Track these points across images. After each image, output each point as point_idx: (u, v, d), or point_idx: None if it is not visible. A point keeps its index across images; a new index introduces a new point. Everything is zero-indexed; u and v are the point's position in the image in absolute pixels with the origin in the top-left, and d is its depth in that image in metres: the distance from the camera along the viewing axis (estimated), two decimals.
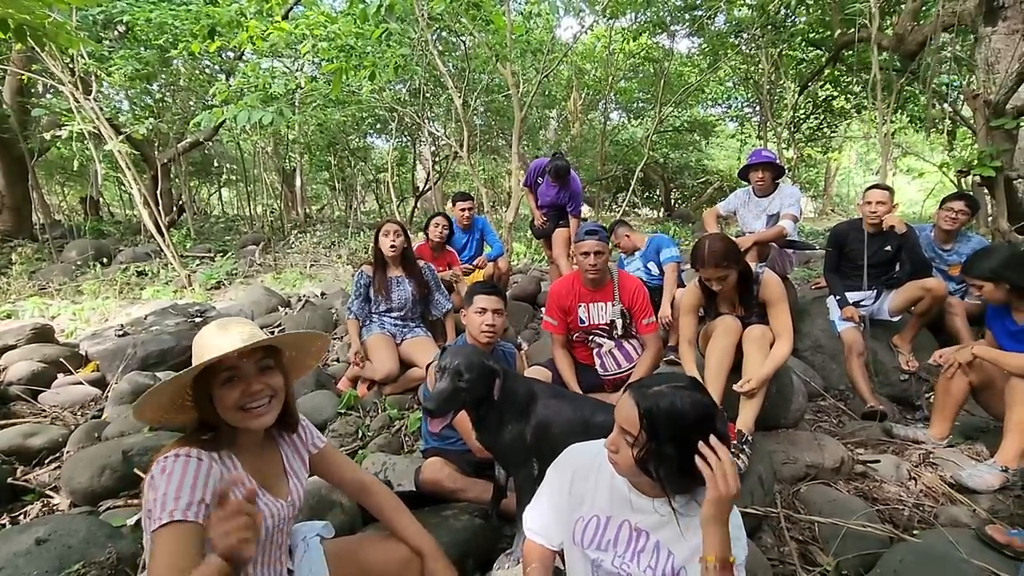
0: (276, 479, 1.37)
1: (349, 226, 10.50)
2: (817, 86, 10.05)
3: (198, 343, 1.26)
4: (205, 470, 1.15)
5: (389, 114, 9.98)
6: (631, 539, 1.24)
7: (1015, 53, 4.39)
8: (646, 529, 1.23)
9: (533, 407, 1.93)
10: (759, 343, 2.36)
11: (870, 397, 3.11)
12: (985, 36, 4.90)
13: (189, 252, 8.04)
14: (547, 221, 4.66)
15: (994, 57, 4.82)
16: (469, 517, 2.03)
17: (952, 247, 3.65)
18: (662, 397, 1.12)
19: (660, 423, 1.10)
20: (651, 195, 18.07)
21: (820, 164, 17.85)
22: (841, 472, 2.48)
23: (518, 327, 4.52)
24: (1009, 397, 2.35)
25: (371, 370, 3.27)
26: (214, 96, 5.81)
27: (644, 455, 1.12)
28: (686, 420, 1.10)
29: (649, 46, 11.07)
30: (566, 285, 2.88)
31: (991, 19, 4.88)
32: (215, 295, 6.16)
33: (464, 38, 7.99)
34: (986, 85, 4.64)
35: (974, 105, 4.41)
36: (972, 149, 4.43)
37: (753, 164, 3.79)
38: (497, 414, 1.91)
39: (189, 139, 9.28)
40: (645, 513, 1.24)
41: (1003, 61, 4.66)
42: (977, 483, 2.30)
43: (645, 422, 1.11)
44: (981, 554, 1.86)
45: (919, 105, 9.31)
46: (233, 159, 13.75)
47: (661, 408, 1.11)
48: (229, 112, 5.05)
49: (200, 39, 5.59)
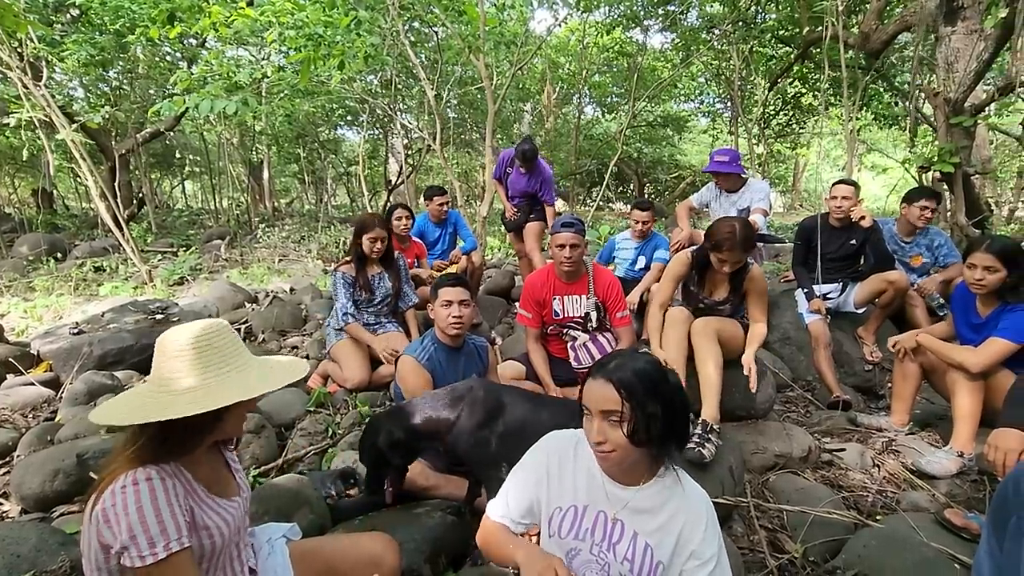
0: (224, 479, 1.32)
1: (319, 220, 10.28)
2: (786, 83, 10.25)
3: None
4: (172, 490, 1.10)
5: (360, 105, 9.78)
6: (608, 530, 1.23)
7: (973, 53, 4.54)
8: (622, 519, 1.23)
9: (500, 415, 1.90)
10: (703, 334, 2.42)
11: (836, 387, 3.19)
12: (945, 36, 5.06)
13: (150, 247, 7.77)
14: (518, 212, 4.62)
15: (953, 56, 4.97)
16: (442, 514, 2.00)
17: (913, 239, 3.77)
18: (625, 365, 1.16)
19: (637, 387, 1.13)
20: (625, 189, 18.22)
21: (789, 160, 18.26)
22: (808, 461, 2.53)
23: (492, 321, 4.49)
24: (951, 386, 2.43)
25: (342, 379, 3.18)
26: (175, 84, 5.58)
27: (635, 426, 1.12)
28: (654, 376, 1.16)
29: (623, 40, 11.12)
30: (541, 278, 2.87)
31: (951, 19, 5.03)
32: (178, 291, 5.96)
33: (436, 29, 7.87)
34: (946, 84, 4.79)
35: (935, 103, 4.55)
36: (933, 146, 4.57)
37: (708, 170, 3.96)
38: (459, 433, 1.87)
39: (149, 129, 8.94)
40: (621, 503, 1.23)
41: (962, 60, 4.81)
42: (936, 469, 2.37)
43: (624, 392, 1.12)
44: (940, 537, 1.91)
45: (883, 103, 9.58)
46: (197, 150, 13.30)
47: (632, 374, 1.14)
48: (191, 101, 4.85)
49: (159, 24, 5.37)
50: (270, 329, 4.45)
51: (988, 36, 4.50)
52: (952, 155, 4.25)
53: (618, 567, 1.21)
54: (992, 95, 4.77)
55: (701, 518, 1.19)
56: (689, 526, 1.18)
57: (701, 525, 1.18)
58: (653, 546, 1.19)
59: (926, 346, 2.56)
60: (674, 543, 1.18)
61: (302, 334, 4.44)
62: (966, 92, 4.37)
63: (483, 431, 1.87)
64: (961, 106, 4.36)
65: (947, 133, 4.41)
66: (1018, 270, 2.33)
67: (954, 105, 4.35)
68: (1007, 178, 13.52)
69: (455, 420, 1.88)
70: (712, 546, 1.18)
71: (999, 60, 5.51)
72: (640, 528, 1.21)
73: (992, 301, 2.44)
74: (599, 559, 1.23)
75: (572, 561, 1.28)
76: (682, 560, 1.18)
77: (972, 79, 4.35)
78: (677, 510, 1.20)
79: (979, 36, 4.80)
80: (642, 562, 1.19)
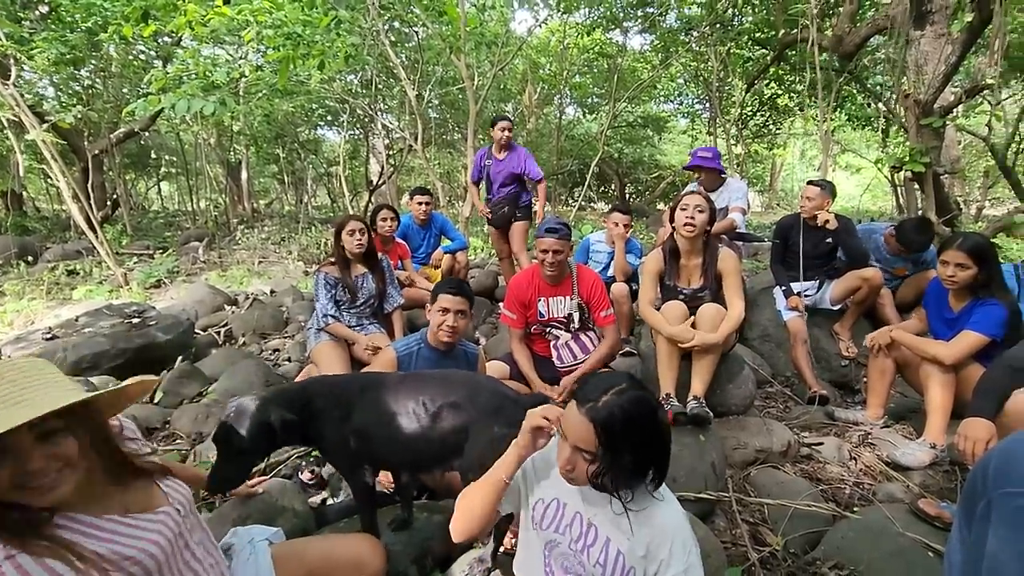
0: (144, 490, 1.18)
1: (300, 221, 10.16)
2: (763, 84, 10.42)
3: None
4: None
5: (340, 105, 9.69)
6: (583, 531, 1.25)
7: (941, 55, 4.67)
8: (596, 524, 1.24)
9: (353, 408, 1.78)
10: (712, 323, 2.48)
11: (814, 382, 3.26)
12: (915, 39, 5.20)
13: (125, 249, 7.59)
14: (504, 207, 4.61)
15: (923, 59, 5.12)
16: (428, 515, 2.00)
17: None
18: (611, 408, 1.11)
19: (617, 434, 1.10)
20: (606, 189, 18.33)
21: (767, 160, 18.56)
22: (788, 455, 2.59)
23: (476, 322, 4.49)
24: (924, 380, 2.51)
25: None
26: (150, 83, 5.46)
27: (601, 471, 1.12)
28: (637, 423, 1.12)
29: (603, 42, 11.18)
30: (526, 279, 2.88)
31: (920, 23, 5.18)
32: (155, 294, 5.83)
33: (417, 29, 7.83)
34: (916, 85, 4.92)
35: (905, 104, 4.66)
36: (904, 146, 4.69)
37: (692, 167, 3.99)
38: (318, 427, 1.78)
39: (123, 129, 8.72)
40: (596, 507, 1.25)
41: (931, 63, 4.95)
42: (910, 460, 2.44)
43: (602, 437, 1.10)
44: (915, 527, 1.97)
45: (856, 104, 9.80)
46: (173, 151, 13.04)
47: (614, 419, 1.10)
48: (166, 101, 4.75)
49: (132, 22, 5.24)
50: (250, 332, 4.39)
51: (955, 40, 4.64)
52: (922, 155, 4.36)
53: (591, 569, 1.22)
54: (959, 97, 4.91)
55: (668, 534, 1.19)
56: (657, 540, 1.19)
57: (668, 541, 1.18)
58: (624, 553, 1.19)
59: (900, 341, 2.64)
60: (643, 554, 1.19)
61: (283, 336, 4.39)
62: (935, 94, 4.49)
63: (339, 429, 1.77)
64: (930, 108, 4.49)
65: (917, 134, 4.52)
66: (988, 266, 2.41)
67: (924, 107, 4.47)
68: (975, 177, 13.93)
69: (306, 417, 1.75)
70: (680, 562, 1.17)
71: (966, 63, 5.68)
72: (612, 535, 1.21)
73: (964, 296, 2.51)
74: (575, 556, 1.25)
75: (551, 552, 1.29)
76: (652, 571, 1.19)
77: (940, 81, 4.48)
78: (647, 523, 1.20)
79: (946, 40, 4.95)
80: (614, 567, 1.20)
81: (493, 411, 1.75)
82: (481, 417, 1.75)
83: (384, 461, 1.89)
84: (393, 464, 1.95)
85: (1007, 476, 1.10)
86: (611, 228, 3.89)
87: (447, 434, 1.76)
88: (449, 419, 1.77)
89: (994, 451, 1.21)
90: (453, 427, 1.77)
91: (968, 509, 1.21)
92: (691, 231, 2.55)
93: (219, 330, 4.42)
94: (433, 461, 1.87)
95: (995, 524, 1.09)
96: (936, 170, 4.56)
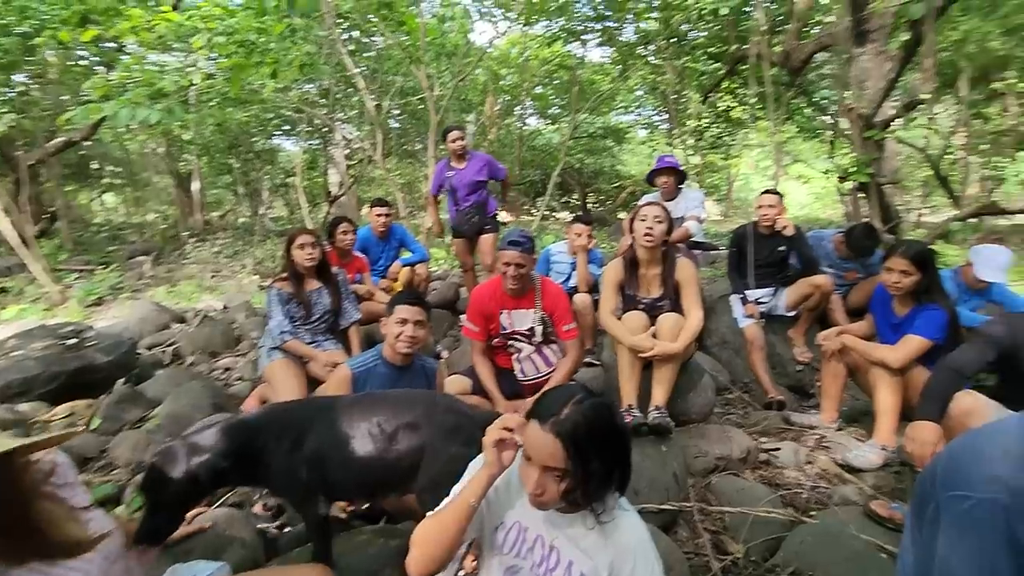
0: (68, 535, 1.10)
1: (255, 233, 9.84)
2: (717, 97, 10.77)
3: None
4: None
5: (297, 115, 9.47)
6: (544, 556, 1.22)
7: (881, 72, 4.92)
8: (558, 547, 1.21)
9: (304, 436, 1.71)
10: (671, 333, 2.50)
11: (771, 388, 3.33)
12: (856, 56, 5.46)
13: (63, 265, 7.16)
14: (475, 216, 4.56)
15: (864, 75, 5.37)
16: (384, 540, 1.92)
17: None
18: (575, 418, 1.09)
19: (584, 444, 1.08)
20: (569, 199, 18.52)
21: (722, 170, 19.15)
22: (747, 462, 2.61)
23: (437, 335, 4.41)
24: (873, 383, 2.59)
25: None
26: (90, 91, 5.19)
27: (574, 486, 1.10)
28: (600, 428, 1.11)
29: (563, 54, 11.34)
30: (488, 291, 2.83)
31: (860, 41, 5.44)
32: (95, 313, 5.52)
33: (376, 38, 7.76)
34: (858, 100, 5.16)
35: (849, 118, 4.87)
36: (849, 157, 4.90)
37: (657, 169, 4.01)
38: (264, 464, 1.69)
39: (61, 138, 8.27)
40: (558, 529, 1.22)
41: (871, 79, 5.21)
42: (862, 462, 2.50)
43: (571, 450, 1.08)
44: (869, 529, 2.01)
45: (805, 116, 10.23)
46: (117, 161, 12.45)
47: (579, 429, 1.09)
48: (108, 109, 4.51)
49: (71, 27, 4.98)
50: (199, 351, 4.19)
51: (893, 57, 4.90)
52: (866, 166, 4.56)
53: None
54: (898, 111, 5.18)
55: (629, 551, 1.17)
56: (619, 557, 1.17)
57: (631, 558, 1.17)
58: (587, 574, 1.17)
59: (850, 346, 2.72)
60: (607, 573, 1.17)
61: (235, 355, 4.21)
62: (876, 108, 4.72)
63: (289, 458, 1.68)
64: (872, 121, 4.70)
65: (861, 146, 4.73)
66: (929, 273, 2.51)
67: (866, 120, 4.68)
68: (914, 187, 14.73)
69: (247, 456, 1.66)
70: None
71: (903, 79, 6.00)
72: (574, 556, 1.19)
73: (908, 301, 2.61)
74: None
75: None
76: None
77: (880, 96, 4.71)
78: (608, 541, 1.18)
79: (885, 57, 5.21)
80: None
81: (450, 430, 1.71)
82: (437, 437, 1.70)
83: (339, 489, 1.80)
84: (349, 491, 1.87)
85: (954, 479, 1.12)
86: (572, 239, 3.88)
87: (403, 456, 1.71)
88: (405, 440, 1.71)
89: (941, 455, 1.23)
90: (409, 448, 1.71)
91: (918, 512, 1.23)
92: (650, 241, 2.57)
93: (165, 349, 4.20)
94: (389, 486, 1.80)
95: (944, 527, 1.10)
96: (879, 180, 4.77)
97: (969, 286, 3.36)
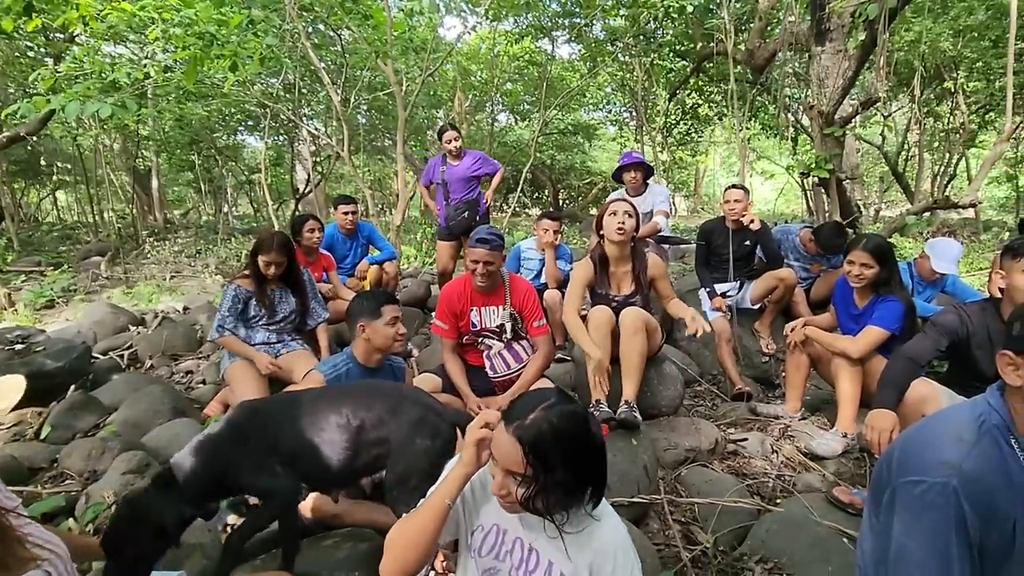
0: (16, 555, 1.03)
1: (218, 232, 9.55)
2: (684, 94, 10.93)
3: None
4: None
5: (260, 110, 9.22)
6: (523, 557, 1.20)
7: (840, 70, 5.06)
8: (537, 548, 1.19)
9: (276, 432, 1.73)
10: (632, 327, 2.52)
11: (738, 380, 3.39)
12: (817, 55, 5.60)
13: (11, 266, 6.81)
14: (465, 211, 4.50)
15: (824, 73, 5.52)
16: (352, 544, 1.88)
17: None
18: (539, 424, 1.06)
19: (546, 452, 1.05)
20: (540, 195, 18.59)
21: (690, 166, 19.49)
22: (716, 452, 2.66)
23: (408, 333, 4.34)
24: (835, 373, 2.67)
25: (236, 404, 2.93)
26: (37, 83, 4.92)
27: (534, 493, 1.06)
28: (568, 437, 1.07)
29: (532, 50, 11.35)
30: (457, 289, 2.80)
31: (820, 40, 5.59)
32: (46, 316, 5.26)
33: (341, 32, 7.59)
34: (819, 97, 5.30)
35: (810, 115, 5.01)
36: (811, 154, 5.03)
37: (625, 164, 4.04)
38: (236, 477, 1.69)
39: (7, 133, 7.86)
40: (535, 531, 1.20)
41: (831, 77, 5.35)
42: (824, 450, 2.57)
43: (531, 457, 1.05)
44: (831, 515, 2.07)
45: (769, 114, 10.47)
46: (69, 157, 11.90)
47: (543, 436, 1.05)
48: (56, 102, 4.29)
49: (13, 15, 4.71)
50: (159, 354, 4.04)
51: (851, 56, 5.04)
52: (827, 162, 4.70)
53: None
54: (856, 109, 5.34)
55: (609, 553, 1.15)
56: (599, 559, 1.15)
57: (610, 560, 1.15)
58: (568, 575, 1.15)
59: (813, 337, 2.79)
60: (587, 574, 1.15)
61: (197, 357, 4.07)
62: (835, 106, 4.86)
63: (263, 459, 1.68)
64: (832, 118, 4.84)
65: (822, 142, 4.87)
66: (888, 265, 2.60)
67: (826, 117, 4.81)
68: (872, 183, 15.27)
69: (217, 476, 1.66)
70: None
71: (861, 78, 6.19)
72: (554, 557, 1.17)
73: (868, 293, 2.69)
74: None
75: None
76: None
77: (840, 94, 4.85)
78: (587, 542, 1.16)
79: (844, 56, 5.36)
80: None
81: (416, 422, 1.73)
82: (404, 429, 1.72)
83: (312, 480, 1.83)
84: (320, 482, 1.88)
85: (908, 466, 1.16)
86: (540, 235, 3.89)
87: (371, 445, 1.74)
88: (372, 431, 1.74)
89: (896, 443, 1.26)
90: (377, 438, 1.74)
91: (876, 498, 1.27)
92: (622, 235, 2.58)
93: (122, 353, 4.03)
94: (357, 475, 1.85)
95: (899, 511, 1.14)
96: (839, 176, 4.92)
97: (923, 277, 3.49)
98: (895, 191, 13.14)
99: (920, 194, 10.01)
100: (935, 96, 10.10)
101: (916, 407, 2.07)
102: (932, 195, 8.61)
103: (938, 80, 9.06)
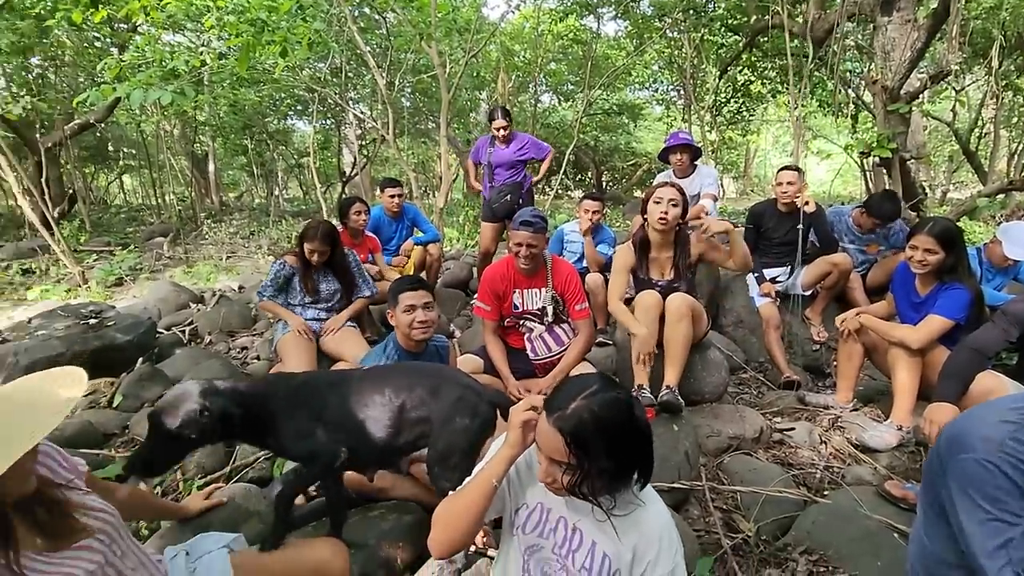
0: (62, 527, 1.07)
1: (270, 214, 9.91)
2: (736, 71, 10.47)
3: None
4: None
5: (309, 95, 9.44)
6: (567, 536, 1.22)
7: (908, 41, 4.72)
8: (581, 529, 1.21)
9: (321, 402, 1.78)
10: (678, 313, 2.46)
11: (786, 368, 3.29)
12: (882, 25, 5.24)
13: (84, 246, 7.30)
14: (508, 194, 4.51)
15: (890, 45, 5.17)
16: (397, 516, 1.95)
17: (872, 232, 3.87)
18: (580, 414, 1.06)
19: (588, 441, 1.06)
20: (583, 177, 18.33)
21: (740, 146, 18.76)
22: (760, 441, 2.60)
23: (451, 315, 4.43)
24: (891, 363, 2.54)
25: None
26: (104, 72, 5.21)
27: (579, 480, 1.08)
28: (610, 426, 1.07)
29: (577, 28, 11.10)
30: (500, 271, 2.82)
31: (887, 9, 5.22)
32: (115, 293, 5.63)
33: (386, 15, 7.64)
34: (883, 72, 4.98)
35: (873, 90, 4.71)
36: (872, 132, 4.75)
37: (671, 146, 3.92)
38: (275, 425, 1.73)
39: (78, 120, 8.35)
40: (581, 512, 1.21)
41: (897, 49, 5.00)
42: (877, 443, 2.47)
43: (573, 446, 1.06)
44: (882, 508, 2.00)
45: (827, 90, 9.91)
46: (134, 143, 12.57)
47: (584, 425, 1.06)
48: (121, 90, 4.53)
49: (82, 7, 4.98)
50: (217, 330, 4.26)
51: (921, 26, 4.69)
52: (890, 141, 4.42)
53: (576, 573, 1.19)
54: (925, 83, 4.99)
55: (655, 537, 1.16)
56: (644, 542, 1.16)
57: (655, 544, 1.16)
58: (611, 556, 1.17)
59: (868, 326, 2.66)
60: (631, 557, 1.16)
61: (252, 334, 4.27)
62: (902, 80, 4.55)
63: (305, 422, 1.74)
64: (897, 93, 4.54)
65: (885, 120, 4.58)
66: (955, 251, 2.43)
67: (891, 93, 4.52)
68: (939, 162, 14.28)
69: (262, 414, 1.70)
70: (668, 562, 1.15)
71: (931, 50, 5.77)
72: (598, 538, 1.18)
73: (931, 280, 2.54)
74: (559, 560, 1.22)
75: (531, 557, 1.26)
76: (639, 572, 1.17)
77: (907, 67, 4.53)
78: (633, 525, 1.17)
79: (913, 26, 5.00)
80: (599, 570, 1.17)
81: (455, 402, 1.76)
82: (444, 408, 1.76)
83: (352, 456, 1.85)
84: (361, 459, 1.92)
85: (956, 445, 1.14)
86: (582, 216, 3.86)
87: (413, 424, 1.79)
88: (414, 411, 1.79)
89: (943, 431, 1.22)
90: (419, 417, 1.78)
91: (928, 491, 1.23)
92: (664, 224, 2.52)
93: (184, 329, 4.27)
94: (401, 452, 1.89)
95: (955, 495, 1.11)
96: (903, 155, 4.63)
97: (994, 264, 3.26)
98: (965, 171, 12.26)
99: (994, 174, 9.30)
100: (1015, 68, 9.30)
101: (981, 401, 1.96)
102: (1007, 175, 7.99)
103: (1019, 50, 8.33)
